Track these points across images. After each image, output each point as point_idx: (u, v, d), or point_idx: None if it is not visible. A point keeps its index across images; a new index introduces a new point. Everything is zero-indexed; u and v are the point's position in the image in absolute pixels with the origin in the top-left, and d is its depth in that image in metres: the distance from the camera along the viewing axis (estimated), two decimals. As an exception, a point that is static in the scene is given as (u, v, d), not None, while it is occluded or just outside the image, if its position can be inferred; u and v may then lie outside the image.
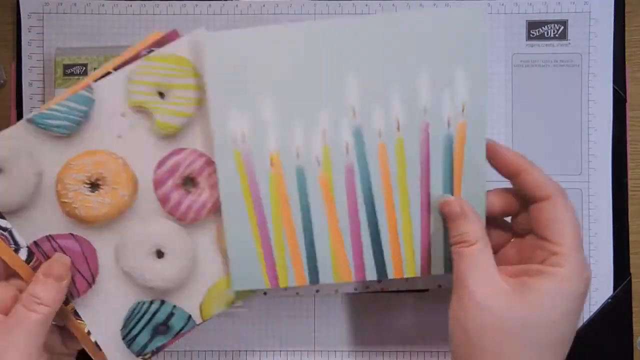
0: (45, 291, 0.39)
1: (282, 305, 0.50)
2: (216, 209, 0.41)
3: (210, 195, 0.41)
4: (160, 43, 0.41)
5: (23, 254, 0.40)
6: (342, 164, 0.40)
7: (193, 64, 0.41)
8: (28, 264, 0.40)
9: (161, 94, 0.41)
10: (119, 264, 0.41)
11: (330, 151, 0.40)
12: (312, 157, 0.40)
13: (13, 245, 0.40)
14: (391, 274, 0.42)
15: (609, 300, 0.50)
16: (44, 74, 0.51)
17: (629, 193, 0.51)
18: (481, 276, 0.37)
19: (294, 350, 0.50)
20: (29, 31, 0.51)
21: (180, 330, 0.42)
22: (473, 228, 0.38)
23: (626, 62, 0.51)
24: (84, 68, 0.49)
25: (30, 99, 0.51)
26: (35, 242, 0.41)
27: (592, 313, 0.50)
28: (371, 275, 0.42)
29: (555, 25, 0.51)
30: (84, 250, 0.41)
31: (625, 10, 0.51)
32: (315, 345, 0.50)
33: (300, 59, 0.39)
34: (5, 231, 0.40)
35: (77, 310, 0.42)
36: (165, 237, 0.41)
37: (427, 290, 0.50)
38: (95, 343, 0.42)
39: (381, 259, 0.42)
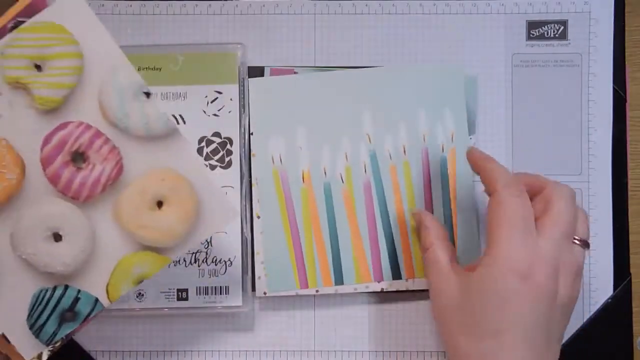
0: None
1: (282, 305, 0.50)
2: (111, 184, 0.40)
3: (103, 169, 0.39)
4: (27, 13, 0.39)
5: None
6: (361, 180, 0.49)
7: (70, 30, 0.39)
8: None
9: (38, 67, 0.39)
10: (15, 251, 0.40)
11: (351, 170, 0.49)
12: (337, 175, 0.49)
13: None
14: (404, 275, 0.49)
15: (609, 300, 0.50)
16: (44, 74, 0.51)
17: (629, 193, 0.51)
18: (436, 272, 0.43)
19: (293, 351, 0.50)
20: (29, 31, 0.51)
21: (89, 314, 0.41)
22: (428, 234, 0.45)
23: (626, 62, 0.51)
24: (84, 68, 0.49)
25: (30, 99, 0.51)
26: None
27: (592, 313, 0.50)
28: (387, 276, 0.49)
29: (555, 25, 0.51)
30: None
31: (625, 10, 0.51)
32: (315, 345, 0.50)
33: (327, 97, 0.49)
34: None
35: None
36: (60, 218, 0.39)
37: (427, 290, 0.50)
38: (3, 335, 0.40)
39: (395, 262, 0.49)
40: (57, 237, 0.40)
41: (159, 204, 0.40)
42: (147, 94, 0.40)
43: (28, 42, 0.38)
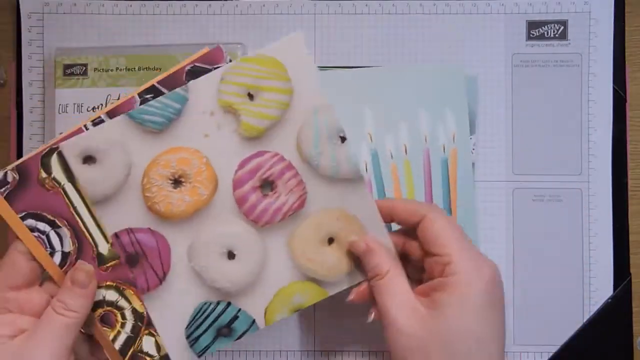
0: (72, 298, 0.40)
1: (282, 305, 0.50)
2: (290, 215, 0.42)
3: (287, 200, 0.41)
4: (205, 60, 0.42)
5: (57, 258, 0.41)
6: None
7: (286, 68, 0.41)
8: (62, 268, 0.41)
9: (250, 96, 0.41)
10: (190, 262, 0.42)
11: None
12: None
13: (49, 249, 0.41)
14: None
15: (609, 300, 0.50)
16: (44, 74, 0.51)
17: (629, 193, 0.51)
18: (399, 302, 0.38)
19: (294, 350, 0.50)
20: (29, 31, 0.51)
21: (243, 333, 0.42)
22: (381, 260, 0.40)
23: (626, 62, 0.51)
24: (84, 68, 0.49)
25: (30, 99, 0.51)
26: (116, 234, 0.41)
27: (592, 313, 0.50)
28: None
29: (555, 25, 0.51)
30: (159, 246, 0.41)
31: (625, 10, 0.51)
32: (315, 345, 0.50)
33: (328, 97, 0.42)
34: (43, 234, 0.40)
35: (146, 305, 0.42)
36: (238, 238, 0.41)
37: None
38: (119, 351, 0.42)
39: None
40: (231, 256, 0.42)
41: (330, 240, 0.42)
42: (343, 139, 0.42)
43: (248, 71, 0.41)
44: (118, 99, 0.49)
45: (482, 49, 0.51)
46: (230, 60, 0.42)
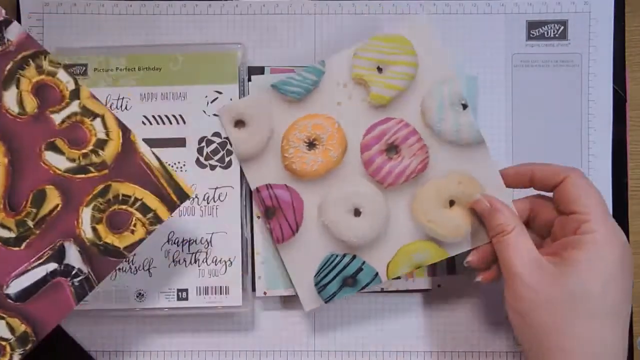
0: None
1: (282, 305, 0.50)
2: (413, 177, 0.46)
3: (410, 163, 0.46)
4: None
5: None
6: None
7: (413, 44, 0.46)
8: None
9: (379, 69, 0.47)
10: (320, 217, 0.47)
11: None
12: None
13: None
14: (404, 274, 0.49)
15: (609, 300, 0.50)
16: (44, 74, 0.51)
17: (629, 193, 0.51)
18: (524, 258, 0.39)
19: (294, 351, 0.50)
20: (29, 31, 0.51)
21: (366, 285, 0.46)
22: (506, 217, 0.42)
23: (626, 62, 0.51)
24: (84, 68, 0.49)
25: (30, 99, 0.51)
26: (257, 188, 0.47)
27: (592, 313, 0.50)
28: None
29: (555, 25, 0.51)
30: (293, 201, 0.47)
31: (625, 10, 0.51)
32: (315, 345, 0.50)
33: None
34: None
35: (280, 254, 0.47)
36: (364, 197, 0.46)
37: (427, 290, 0.50)
38: None
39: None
40: (357, 213, 0.46)
41: (451, 203, 0.46)
42: (464, 106, 0.46)
43: (378, 48, 0.47)
44: (118, 99, 0.49)
45: (482, 49, 0.51)
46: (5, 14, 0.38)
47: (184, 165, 0.48)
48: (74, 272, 0.40)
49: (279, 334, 0.50)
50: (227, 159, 0.49)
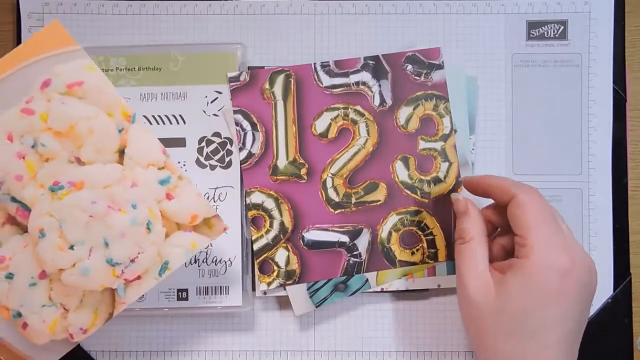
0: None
1: (282, 305, 0.50)
2: None
3: None
4: (423, 53, 0.50)
5: (243, 154, 0.48)
6: None
7: None
8: (242, 164, 0.47)
9: None
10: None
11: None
12: None
13: (240, 144, 0.48)
14: None
15: (609, 300, 0.50)
16: (44, 74, 0.51)
17: (629, 193, 0.51)
18: (473, 271, 0.41)
19: (294, 351, 0.50)
20: (29, 31, 0.51)
21: (357, 290, 0.48)
22: (471, 226, 0.42)
23: (626, 62, 0.51)
24: (84, 68, 0.49)
25: (30, 99, 0.51)
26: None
27: (592, 313, 0.50)
28: None
29: (555, 25, 0.51)
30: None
31: (625, 10, 0.51)
32: (315, 345, 0.50)
33: None
34: (242, 130, 0.48)
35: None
36: None
37: (427, 290, 0.50)
38: (255, 253, 0.47)
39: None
40: None
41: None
42: None
43: None
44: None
45: (482, 49, 0.51)
46: (442, 62, 0.49)
47: (184, 165, 0.48)
48: (355, 252, 0.48)
49: (279, 334, 0.50)
50: (227, 159, 0.49)
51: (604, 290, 0.50)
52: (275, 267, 0.48)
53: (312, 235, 0.48)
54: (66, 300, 0.39)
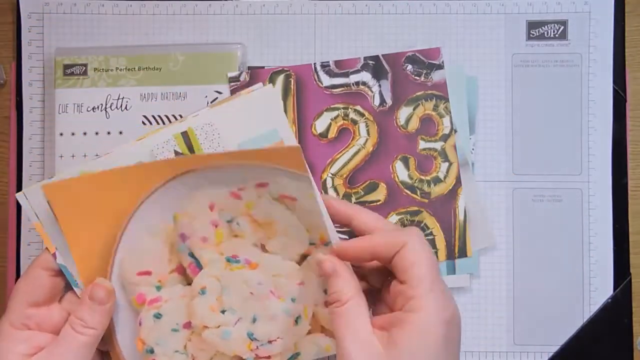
0: (91, 315, 0.40)
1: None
2: None
3: None
4: (423, 53, 0.49)
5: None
6: None
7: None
8: None
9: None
10: None
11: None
12: None
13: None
14: None
15: (609, 300, 0.50)
16: (44, 74, 0.51)
17: (629, 193, 0.51)
18: (355, 336, 0.36)
19: (294, 350, 0.50)
20: (29, 31, 0.51)
21: None
22: (345, 286, 0.38)
23: (626, 62, 0.51)
24: (84, 68, 0.49)
25: (30, 99, 0.51)
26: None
27: (592, 313, 0.50)
28: None
29: (555, 25, 0.51)
30: None
31: (625, 10, 0.51)
32: (315, 345, 0.50)
33: None
34: None
35: None
36: None
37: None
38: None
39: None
40: None
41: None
42: None
43: None
44: (118, 99, 0.49)
45: (482, 49, 0.51)
46: (442, 62, 0.49)
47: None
48: None
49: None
50: (227, 159, 0.49)
51: (604, 290, 0.50)
52: None
53: None
54: (198, 354, 0.42)
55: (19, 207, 0.50)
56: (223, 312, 0.41)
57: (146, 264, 0.42)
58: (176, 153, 0.42)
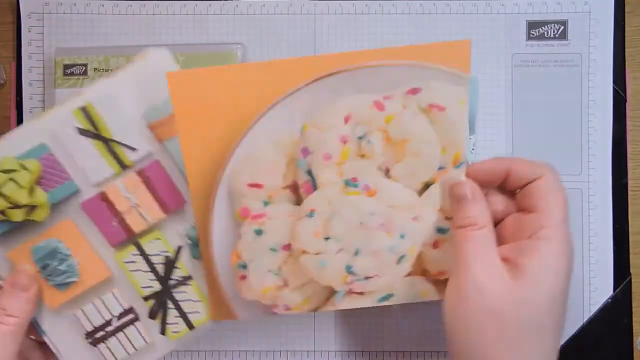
0: (12, 302, 0.39)
1: (282, 305, 0.50)
2: None
3: None
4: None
5: None
6: None
7: None
8: None
9: None
10: None
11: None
12: None
13: None
14: None
15: (609, 300, 0.50)
16: (44, 74, 0.51)
17: (629, 193, 0.51)
18: (485, 260, 0.36)
19: (294, 351, 0.50)
20: (29, 31, 0.51)
21: None
22: (482, 212, 0.37)
23: (626, 62, 0.51)
24: (84, 68, 0.49)
25: (30, 99, 0.51)
26: None
27: (592, 313, 0.50)
28: None
29: (555, 25, 0.51)
30: None
31: (625, 10, 0.51)
32: (315, 345, 0.50)
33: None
34: None
35: None
36: None
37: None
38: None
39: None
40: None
41: None
42: None
43: None
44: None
45: (482, 49, 0.51)
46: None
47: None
48: None
49: (278, 334, 0.50)
50: (227, 159, 0.48)
51: (604, 290, 0.50)
52: None
53: None
54: (291, 278, 0.40)
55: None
56: (326, 239, 0.39)
57: (259, 175, 0.39)
58: (79, 130, 0.40)
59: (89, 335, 0.42)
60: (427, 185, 0.39)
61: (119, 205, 0.41)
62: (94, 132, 0.40)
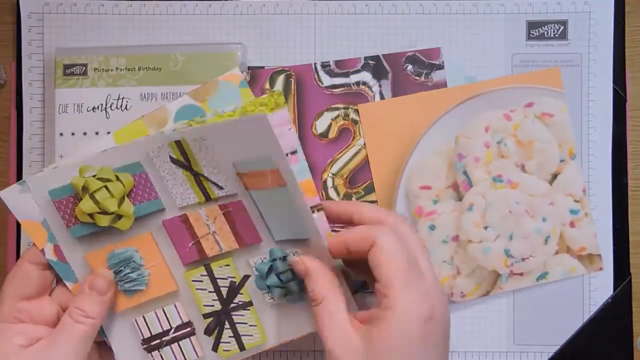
0: (90, 305, 0.40)
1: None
2: None
3: None
4: (423, 53, 0.50)
5: None
6: None
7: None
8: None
9: None
10: None
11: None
12: None
13: None
14: None
15: (609, 300, 0.50)
16: (44, 74, 0.51)
17: (629, 193, 0.51)
18: (335, 334, 0.37)
19: (293, 351, 0.50)
20: (29, 31, 0.51)
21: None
22: (318, 286, 0.38)
23: (626, 62, 0.51)
24: (84, 68, 0.49)
25: (30, 99, 0.51)
26: None
27: (592, 313, 0.50)
28: None
29: (555, 25, 0.51)
30: None
31: (625, 10, 0.51)
32: (315, 345, 0.50)
33: None
34: None
35: None
36: None
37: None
38: None
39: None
40: None
41: None
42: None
43: None
44: (118, 99, 0.49)
45: (482, 49, 0.51)
46: (443, 62, 0.50)
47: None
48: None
49: (279, 334, 0.50)
50: (227, 159, 0.48)
51: (604, 290, 0.50)
52: None
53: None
54: (462, 266, 0.48)
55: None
56: (485, 228, 0.47)
57: (427, 178, 0.48)
58: (172, 159, 0.42)
59: (146, 341, 0.43)
60: (554, 176, 0.49)
61: (198, 229, 0.43)
62: (185, 164, 0.42)
